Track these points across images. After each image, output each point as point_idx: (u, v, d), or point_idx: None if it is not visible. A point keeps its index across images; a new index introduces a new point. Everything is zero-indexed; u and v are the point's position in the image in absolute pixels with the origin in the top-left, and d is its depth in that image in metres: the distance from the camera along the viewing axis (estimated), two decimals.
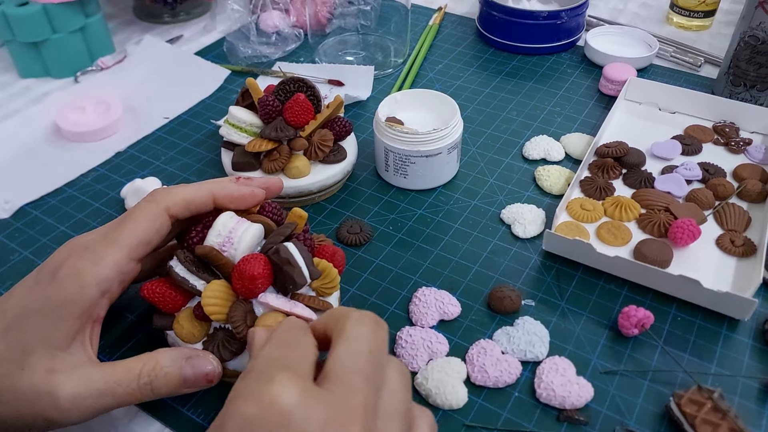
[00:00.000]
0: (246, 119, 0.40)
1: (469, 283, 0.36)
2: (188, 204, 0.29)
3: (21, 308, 0.26)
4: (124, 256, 0.27)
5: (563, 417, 0.29)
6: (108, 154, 0.47)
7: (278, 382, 0.20)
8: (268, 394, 0.19)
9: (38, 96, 0.54)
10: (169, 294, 0.29)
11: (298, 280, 0.28)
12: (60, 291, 0.26)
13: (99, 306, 0.27)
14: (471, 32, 0.62)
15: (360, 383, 0.21)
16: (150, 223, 0.28)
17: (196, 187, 0.30)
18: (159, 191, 0.29)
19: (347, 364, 0.21)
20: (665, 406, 0.30)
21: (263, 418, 0.19)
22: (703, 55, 0.58)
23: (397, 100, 0.44)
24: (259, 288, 0.28)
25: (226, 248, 0.29)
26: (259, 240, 0.30)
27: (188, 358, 0.27)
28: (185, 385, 0.27)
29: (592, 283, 0.36)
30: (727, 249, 0.38)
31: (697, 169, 0.43)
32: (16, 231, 0.41)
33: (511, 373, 0.31)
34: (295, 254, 0.28)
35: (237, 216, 0.30)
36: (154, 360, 0.27)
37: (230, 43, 0.58)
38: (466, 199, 0.43)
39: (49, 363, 0.25)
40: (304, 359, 0.22)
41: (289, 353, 0.22)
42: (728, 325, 0.34)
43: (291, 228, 0.30)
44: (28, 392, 0.25)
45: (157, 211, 0.28)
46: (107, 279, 0.27)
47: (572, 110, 0.51)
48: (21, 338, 0.25)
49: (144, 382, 0.26)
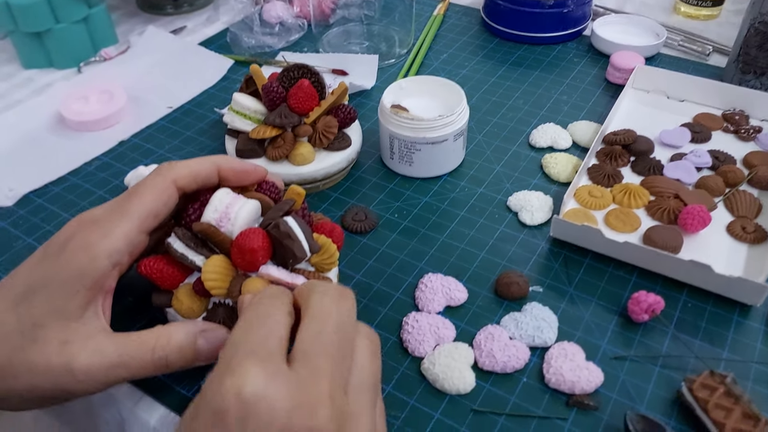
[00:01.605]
0: (250, 106, 0.40)
1: (475, 269, 0.36)
2: (194, 176, 0.29)
3: (30, 282, 0.26)
4: (134, 227, 0.27)
5: (573, 402, 0.29)
6: (111, 143, 0.47)
7: (241, 373, 0.19)
8: (232, 385, 0.19)
9: (41, 87, 0.54)
10: (167, 270, 0.29)
11: (299, 253, 0.28)
12: (70, 263, 0.25)
13: (110, 277, 0.27)
14: (476, 22, 0.62)
15: (326, 364, 0.20)
16: (158, 195, 0.28)
17: (201, 159, 0.30)
18: (165, 165, 0.29)
19: (312, 344, 0.21)
20: (677, 392, 0.29)
21: (230, 412, 0.19)
22: (711, 43, 0.57)
23: (402, 87, 0.44)
24: (259, 261, 0.28)
25: (223, 224, 0.29)
26: (256, 217, 0.30)
27: (202, 330, 0.27)
28: (199, 359, 0.27)
29: (601, 269, 0.36)
30: (738, 236, 0.37)
31: (706, 156, 0.42)
32: (20, 218, 0.41)
33: (519, 359, 0.30)
34: (295, 228, 0.28)
35: (233, 192, 0.30)
36: (168, 333, 0.26)
37: (233, 33, 0.58)
38: (472, 186, 0.42)
39: (62, 334, 0.25)
40: (271, 337, 0.21)
41: (255, 334, 0.21)
42: (740, 311, 0.33)
43: (289, 204, 0.30)
44: (42, 365, 0.24)
45: (164, 183, 0.28)
46: (117, 251, 0.26)
47: (579, 99, 0.50)
48: (31, 311, 0.25)
49: (159, 356, 0.26)
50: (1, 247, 0.39)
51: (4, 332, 0.25)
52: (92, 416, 0.33)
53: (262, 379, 0.19)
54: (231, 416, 0.19)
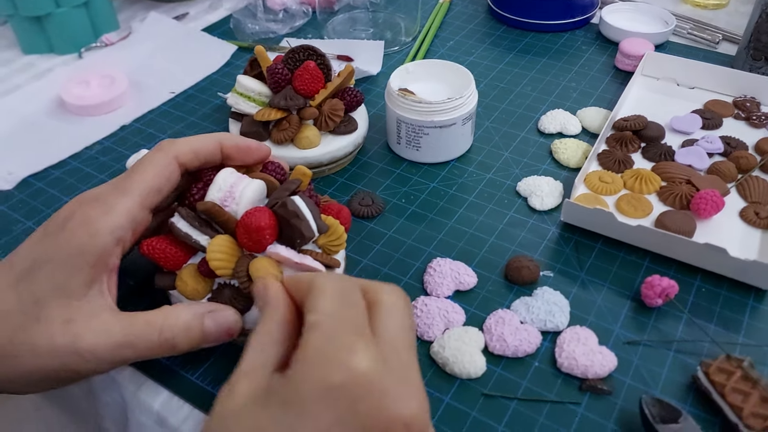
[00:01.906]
0: (254, 88, 0.39)
1: (485, 254, 0.35)
2: (196, 152, 0.28)
3: (30, 260, 0.25)
4: (136, 204, 0.26)
5: (586, 386, 0.28)
6: (113, 128, 0.46)
7: (359, 350, 0.20)
8: (352, 362, 0.20)
9: (42, 72, 0.53)
10: (170, 250, 0.28)
11: (306, 233, 0.27)
12: (72, 240, 0.25)
13: (113, 255, 0.26)
14: (482, 10, 0.61)
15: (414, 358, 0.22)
16: (160, 171, 0.27)
17: (203, 136, 0.29)
18: (166, 141, 0.28)
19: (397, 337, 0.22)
20: (692, 376, 0.28)
21: (348, 387, 0.19)
22: (720, 32, 0.56)
23: (409, 71, 0.43)
24: (266, 239, 0.27)
25: (228, 203, 0.28)
26: (261, 197, 0.29)
27: (209, 311, 0.26)
28: (206, 340, 0.26)
29: (613, 254, 0.35)
30: (752, 221, 0.37)
31: (718, 142, 0.42)
32: (20, 202, 0.40)
33: (530, 343, 0.30)
34: (303, 207, 0.27)
35: (237, 172, 0.29)
36: (175, 314, 0.26)
37: (237, 20, 0.57)
38: (480, 172, 0.42)
39: (65, 312, 0.24)
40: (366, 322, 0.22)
41: (355, 315, 0.22)
42: (755, 295, 0.33)
43: (296, 184, 0.29)
44: (46, 344, 0.24)
45: (166, 159, 0.27)
46: (120, 226, 0.26)
47: (588, 85, 0.50)
48: (33, 289, 0.24)
49: (166, 337, 0.25)
50: (0, 231, 0.38)
51: (4, 311, 0.24)
52: (94, 400, 0.32)
53: (375, 362, 0.20)
54: (349, 393, 0.19)
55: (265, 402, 0.20)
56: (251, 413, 0.20)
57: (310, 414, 0.19)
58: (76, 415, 0.35)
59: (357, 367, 0.19)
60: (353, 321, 0.21)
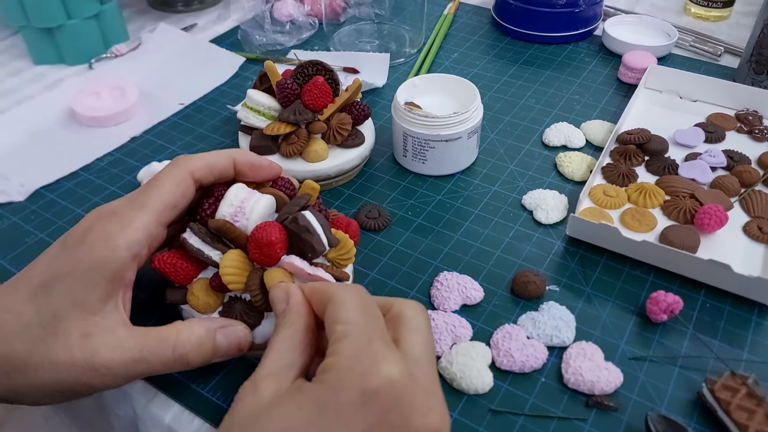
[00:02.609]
0: (264, 102, 0.40)
1: (491, 268, 0.36)
2: (211, 168, 0.29)
3: (49, 274, 0.25)
4: (153, 219, 0.27)
5: (592, 402, 0.29)
6: (123, 139, 0.47)
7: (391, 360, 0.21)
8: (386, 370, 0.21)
9: (52, 82, 0.53)
10: (181, 264, 0.28)
11: (318, 247, 0.28)
12: (90, 254, 0.25)
13: (130, 270, 0.26)
14: (486, 21, 0.62)
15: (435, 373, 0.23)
16: (176, 187, 0.28)
17: (218, 152, 0.30)
18: (181, 157, 0.29)
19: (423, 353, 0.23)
20: (698, 393, 0.29)
21: (382, 395, 0.20)
22: (723, 44, 0.57)
23: (416, 85, 0.43)
24: (277, 254, 0.27)
25: (238, 218, 0.28)
26: (271, 212, 0.30)
27: (221, 327, 0.27)
28: (217, 355, 0.27)
29: (618, 269, 0.35)
30: (755, 236, 0.37)
31: (721, 156, 0.42)
32: (32, 213, 0.41)
33: (537, 358, 0.30)
34: (313, 222, 0.28)
35: (248, 188, 0.30)
36: (188, 330, 0.26)
37: (244, 31, 0.58)
38: (486, 185, 0.42)
39: (83, 327, 0.25)
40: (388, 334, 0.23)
41: (380, 326, 0.23)
42: (759, 311, 0.33)
43: (305, 199, 0.30)
44: (64, 358, 0.24)
45: (182, 174, 0.28)
46: (137, 242, 0.26)
47: (591, 98, 0.50)
48: (51, 303, 0.25)
49: (180, 353, 0.26)
50: (13, 243, 0.38)
51: (23, 324, 0.25)
52: (105, 413, 0.32)
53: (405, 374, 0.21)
54: (380, 400, 0.20)
55: (300, 404, 0.21)
56: (283, 413, 0.21)
57: (345, 418, 0.20)
58: (86, 427, 0.35)
59: (390, 376, 0.20)
60: (380, 332, 0.22)
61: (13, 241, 0.38)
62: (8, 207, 0.41)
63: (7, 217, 0.40)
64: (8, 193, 0.42)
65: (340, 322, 0.23)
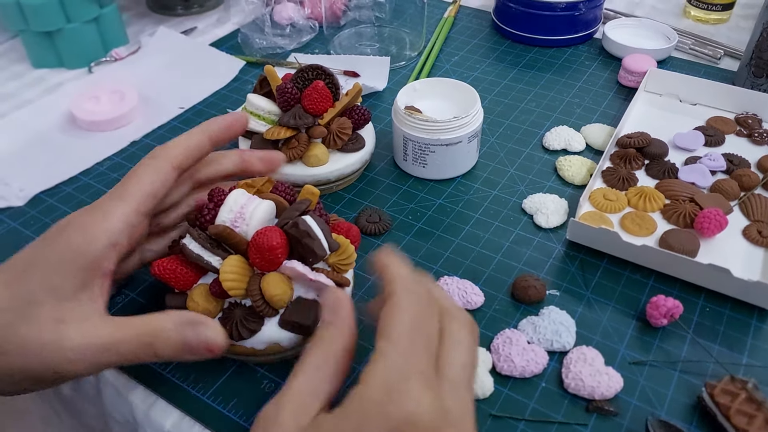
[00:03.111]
0: (264, 107, 0.40)
1: (491, 272, 0.36)
2: (189, 151, 0.29)
3: (27, 261, 0.26)
4: (132, 209, 0.27)
5: (592, 407, 0.29)
6: (123, 144, 0.47)
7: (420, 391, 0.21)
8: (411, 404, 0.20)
9: (52, 86, 0.53)
10: (181, 270, 0.29)
11: (318, 251, 0.28)
12: (68, 243, 0.25)
13: (107, 259, 0.26)
14: (486, 24, 0.62)
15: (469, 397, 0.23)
16: (154, 176, 0.28)
17: (190, 133, 0.30)
18: (157, 148, 0.29)
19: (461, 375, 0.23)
20: (697, 397, 0.29)
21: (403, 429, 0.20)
22: (722, 47, 0.57)
23: (416, 89, 0.44)
24: (278, 258, 0.27)
25: (238, 224, 0.29)
26: (271, 217, 0.30)
27: (192, 322, 0.26)
28: (187, 351, 0.26)
29: (618, 273, 0.36)
30: (755, 240, 0.37)
31: (721, 160, 0.42)
32: (31, 219, 0.41)
33: (537, 363, 0.30)
34: (314, 226, 0.28)
35: (248, 193, 0.30)
36: (157, 320, 0.26)
37: (244, 34, 0.58)
38: (486, 189, 0.42)
39: (57, 313, 0.25)
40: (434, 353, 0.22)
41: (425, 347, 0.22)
42: (758, 315, 0.33)
43: (305, 204, 0.30)
44: (34, 342, 0.24)
45: (159, 164, 0.28)
46: (116, 230, 0.26)
47: (591, 101, 0.50)
48: (27, 288, 0.25)
49: (145, 341, 0.25)
50: (13, 248, 0.38)
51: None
52: (105, 419, 0.32)
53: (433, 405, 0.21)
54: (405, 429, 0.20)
55: None
56: None
57: None
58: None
59: (415, 411, 0.20)
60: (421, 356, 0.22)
61: (13, 247, 0.38)
62: (8, 212, 0.41)
63: (6, 222, 0.40)
64: (8, 198, 0.42)
65: (384, 337, 0.22)
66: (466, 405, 0.22)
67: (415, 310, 0.23)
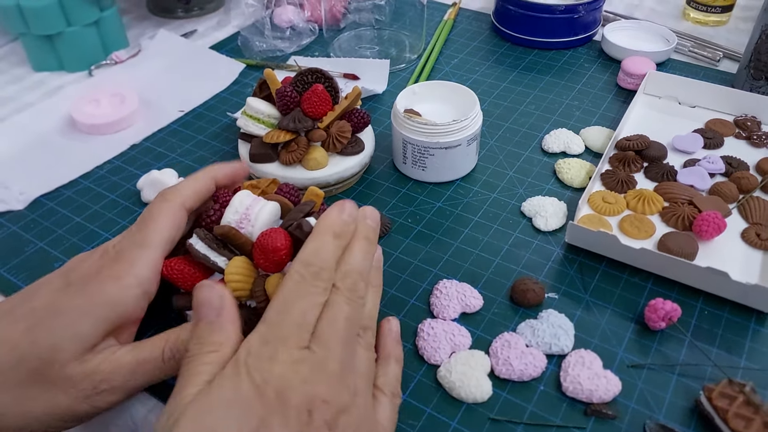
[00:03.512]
0: (263, 110, 0.40)
1: (490, 276, 0.36)
2: (198, 195, 0.30)
3: (53, 309, 0.26)
4: (158, 256, 0.28)
5: (591, 411, 0.29)
6: (123, 147, 0.47)
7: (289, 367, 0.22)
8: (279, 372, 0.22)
9: (52, 89, 0.54)
10: (188, 271, 0.29)
11: None
12: (101, 292, 0.26)
13: (140, 308, 0.28)
14: (486, 27, 0.62)
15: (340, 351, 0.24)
16: (172, 221, 0.29)
17: (199, 176, 0.31)
18: (168, 190, 0.30)
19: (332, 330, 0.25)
20: (695, 401, 0.29)
21: (272, 384, 0.22)
22: (721, 49, 0.57)
23: (415, 92, 0.44)
24: (283, 260, 0.28)
25: (243, 225, 0.29)
26: (276, 218, 0.30)
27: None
28: None
29: (616, 276, 0.36)
30: (753, 242, 0.37)
31: (720, 163, 0.42)
32: (31, 222, 0.41)
33: (536, 366, 0.30)
34: None
35: (253, 194, 0.30)
36: (175, 335, 0.27)
37: (244, 37, 0.58)
38: (485, 191, 0.42)
39: (81, 356, 0.25)
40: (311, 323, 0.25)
41: (305, 316, 0.24)
42: (756, 318, 0.33)
43: (310, 206, 0.30)
44: (61, 382, 0.25)
45: (174, 208, 0.29)
46: (145, 279, 0.27)
47: (591, 104, 0.50)
48: (51, 335, 0.25)
49: (168, 357, 0.27)
50: (13, 252, 0.38)
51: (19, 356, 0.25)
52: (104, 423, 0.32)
53: (298, 361, 0.22)
54: (271, 388, 0.21)
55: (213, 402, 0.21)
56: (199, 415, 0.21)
57: (247, 411, 0.21)
58: None
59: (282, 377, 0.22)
60: (299, 327, 0.23)
61: (13, 250, 0.39)
62: (8, 216, 0.41)
63: (6, 226, 0.40)
64: (8, 202, 0.42)
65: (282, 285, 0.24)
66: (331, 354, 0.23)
67: (321, 243, 0.25)
